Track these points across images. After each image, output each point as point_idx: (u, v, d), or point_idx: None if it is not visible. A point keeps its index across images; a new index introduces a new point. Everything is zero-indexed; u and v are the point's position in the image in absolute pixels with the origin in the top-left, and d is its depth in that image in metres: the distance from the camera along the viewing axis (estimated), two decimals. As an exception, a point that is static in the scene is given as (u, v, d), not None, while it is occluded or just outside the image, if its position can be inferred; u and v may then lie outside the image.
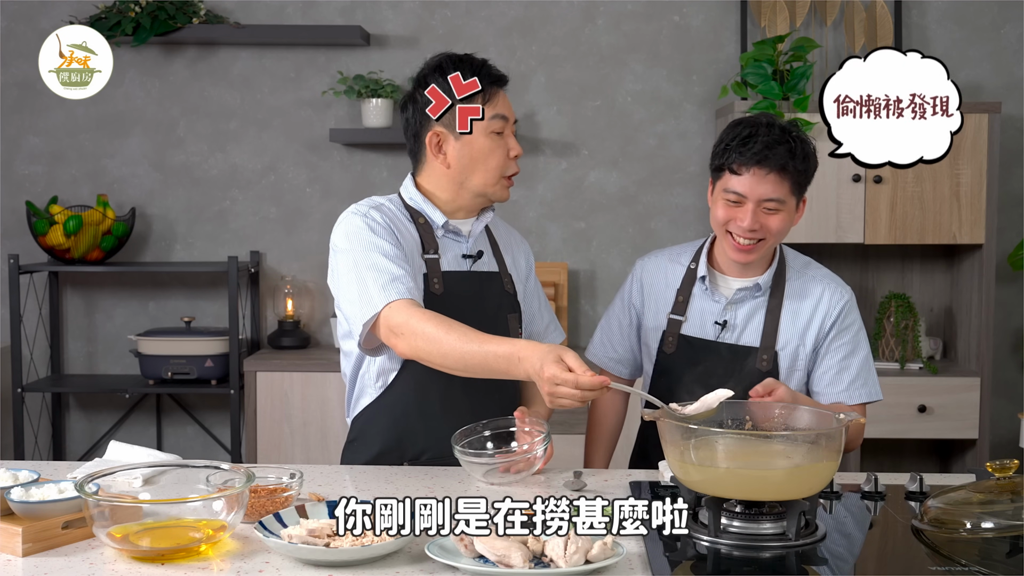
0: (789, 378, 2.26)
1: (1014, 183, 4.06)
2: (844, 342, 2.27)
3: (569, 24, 4.08)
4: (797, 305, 2.28)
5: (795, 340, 2.26)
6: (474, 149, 2.14)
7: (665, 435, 1.75)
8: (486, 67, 2.14)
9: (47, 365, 4.14)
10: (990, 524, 1.57)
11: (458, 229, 2.21)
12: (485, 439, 2.04)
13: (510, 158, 2.17)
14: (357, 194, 4.10)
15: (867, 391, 2.28)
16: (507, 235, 2.37)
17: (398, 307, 1.99)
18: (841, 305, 2.28)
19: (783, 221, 2.20)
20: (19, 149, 4.13)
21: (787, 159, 2.15)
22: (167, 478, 1.91)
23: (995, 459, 1.73)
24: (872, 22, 3.91)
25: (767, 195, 2.16)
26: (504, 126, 2.15)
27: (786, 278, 2.30)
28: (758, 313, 2.28)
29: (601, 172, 4.09)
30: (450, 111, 2.12)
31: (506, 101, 2.18)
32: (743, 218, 2.17)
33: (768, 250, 2.25)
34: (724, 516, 1.70)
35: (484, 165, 2.15)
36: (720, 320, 2.28)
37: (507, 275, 2.28)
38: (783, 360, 2.26)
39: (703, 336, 2.29)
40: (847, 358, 2.27)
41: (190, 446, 4.18)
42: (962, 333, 3.92)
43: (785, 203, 2.18)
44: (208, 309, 4.17)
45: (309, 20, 4.07)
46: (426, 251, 2.17)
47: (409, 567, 1.56)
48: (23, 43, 4.06)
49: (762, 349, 2.25)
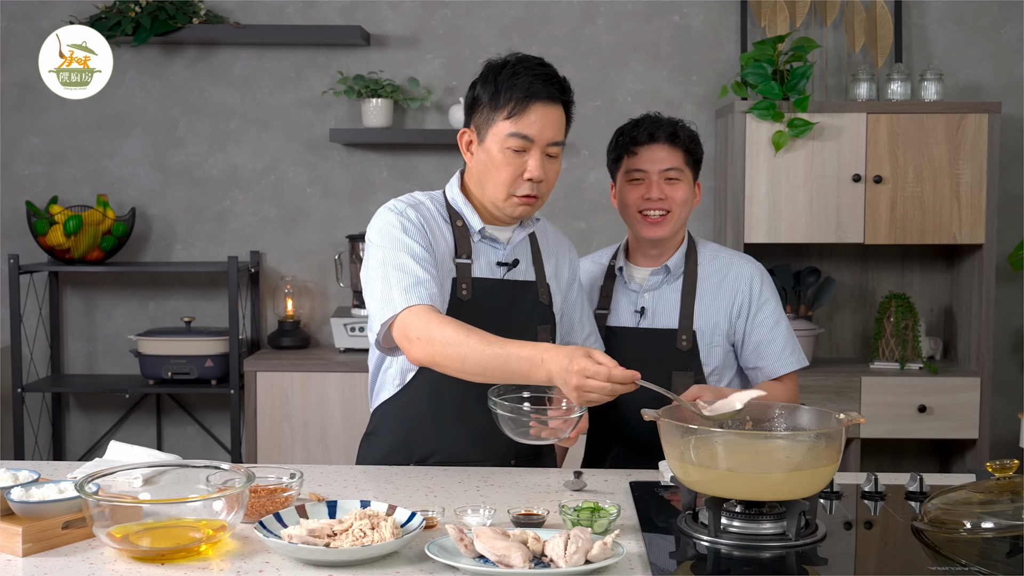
0: (709, 354, 2.37)
1: (1014, 183, 4.06)
2: (765, 316, 2.39)
3: (569, 24, 4.08)
4: (709, 284, 2.40)
5: (711, 317, 2.38)
6: (488, 160, 2.10)
7: (665, 435, 1.75)
8: (524, 77, 2.06)
9: (47, 365, 4.14)
10: (990, 524, 1.57)
11: (495, 236, 2.17)
12: (523, 399, 1.95)
13: (523, 178, 2.07)
14: (357, 194, 4.11)
15: (796, 358, 2.40)
16: (555, 243, 2.32)
17: (417, 312, 1.95)
18: (750, 280, 2.40)
19: (685, 191, 2.37)
20: (19, 149, 4.13)
21: (674, 130, 2.38)
22: (167, 478, 1.91)
23: (995, 459, 1.73)
24: (872, 22, 3.91)
25: (665, 164, 2.36)
26: (525, 145, 2.06)
27: (698, 262, 2.42)
28: (673, 297, 2.40)
29: (601, 172, 4.09)
30: (477, 114, 2.12)
31: (548, 120, 2.06)
32: (649, 191, 2.36)
33: (676, 224, 2.38)
34: (724, 516, 1.70)
35: (494, 178, 2.09)
36: (638, 308, 2.41)
37: (544, 285, 2.23)
38: (701, 337, 2.37)
39: (624, 324, 2.42)
40: (772, 329, 2.39)
41: (190, 446, 4.18)
42: (962, 333, 3.92)
43: (683, 172, 2.38)
44: (208, 309, 4.17)
45: (309, 20, 4.07)
46: (459, 255, 2.13)
47: (409, 567, 1.56)
48: (23, 43, 4.06)
49: (681, 330, 2.37)
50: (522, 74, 2.06)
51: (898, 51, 3.98)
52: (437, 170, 4.10)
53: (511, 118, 2.06)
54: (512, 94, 2.05)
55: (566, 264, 2.32)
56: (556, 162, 2.12)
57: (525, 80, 2.05)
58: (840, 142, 3.69)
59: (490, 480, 2.04)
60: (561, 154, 2.14)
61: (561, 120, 2.11)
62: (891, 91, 3.84)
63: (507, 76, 2.06)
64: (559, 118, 2.10)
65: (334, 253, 4.10)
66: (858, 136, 3.69)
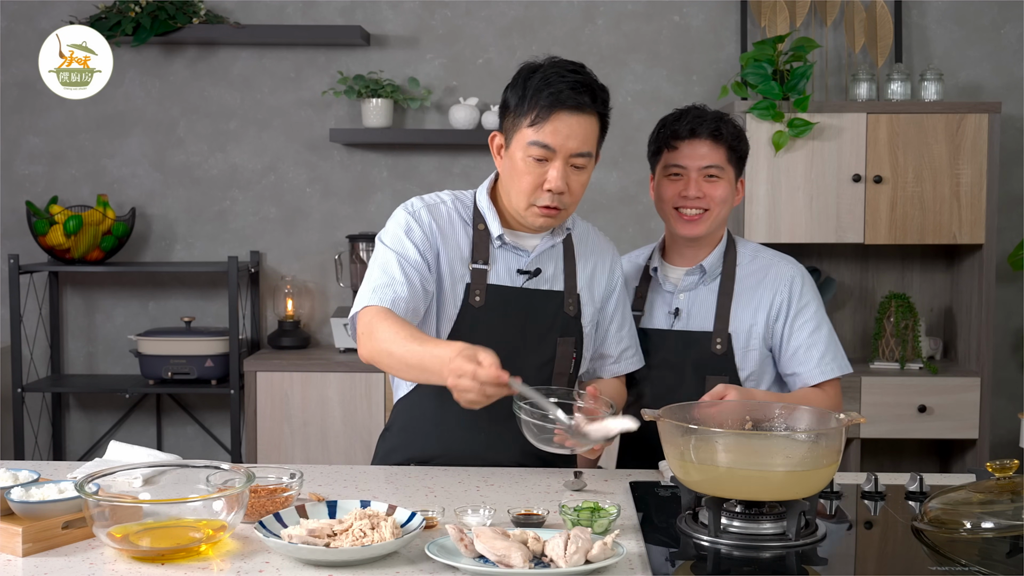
0: (745, 358, 2.28)
1: (1014, 183, 4.06)
2: (806, 319, 2.29)
3: (569, 24, 4.08)
4: (747, 285, 2.31)
5: (747, 320, 2.29)
6: (512, 167, 2.03)
7: (665, 435, 1.75)
8: (553, 84, 1.97)
9: (47, 365, 4.14)
10: (990, 524, 1.57)
11: (518, 243, 2.11)
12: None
13: (543, 189, 2.00)
14: (357, 194, 4.11)
15: (837, 364, 2.29)
16: (595, 251, 2.22)
17: (372, 312, 1.94)
18: (790, 282, 2.31)
19: (725, 190, 2.28)
20: (19, 149, 4.13)
21: (718, 125, 2.27)
22: (167, 478, 1.91)
23: (995, 459, 1.73)
24: (872, 22, 3.91)
25: (706, 161, 2.26)
26: (546, 155, 1.98)
27: (736, 263, 2.33)
28: (708, 298, 2.31)
29: (601, 172, 4.09)
30: (506, 119, 2.06)
31: (573, 130, 1.98)
32: (687, 188, 2.26)
33: (714, 224, 2.29)
34: (724, 516, 1.70)
35: (516, 186, 2.03)
36: (672, 309, 2.33)
37: (573, 295, 2.14)
38: (737, 341, 2.28)
39: (658, 327, 2.34)
40: (813, 334, 2.29)
41: (190, 446, 4.18)
42: (962, 333, 3.91)
43: (724, 170, 2.27)
44: (208, 309, 4.17)
45: (309, 20, 4.07)
46: (475, 260, 2.08)
47: (409, 567, 1.56)
48: (23, 43, 4.06)
49: (715, 333, 2.28)
50: (552, 80, 1.98)
51: (898, 51, 3.98)
52: (437, 170, 4.11)
53: (534, 126, 1.99)
54: (537, 101, 1.98)
55: (604, 274, 2.22)
56: (582, 173, 2.03)
57: (553, 87, 1.97)
58: (840, 142, 3.69)
59: (490, 480, 2.04)
60: (590, 165, 2.04)
61: (590, 130, 2.01)
62: (891, 91, 3.84)
63: (536, 82, 1.99)
64: (587, 128, 2.00)
65: (334, 253, 4.10)
66: (858, 136, 3.69)
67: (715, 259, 2.33)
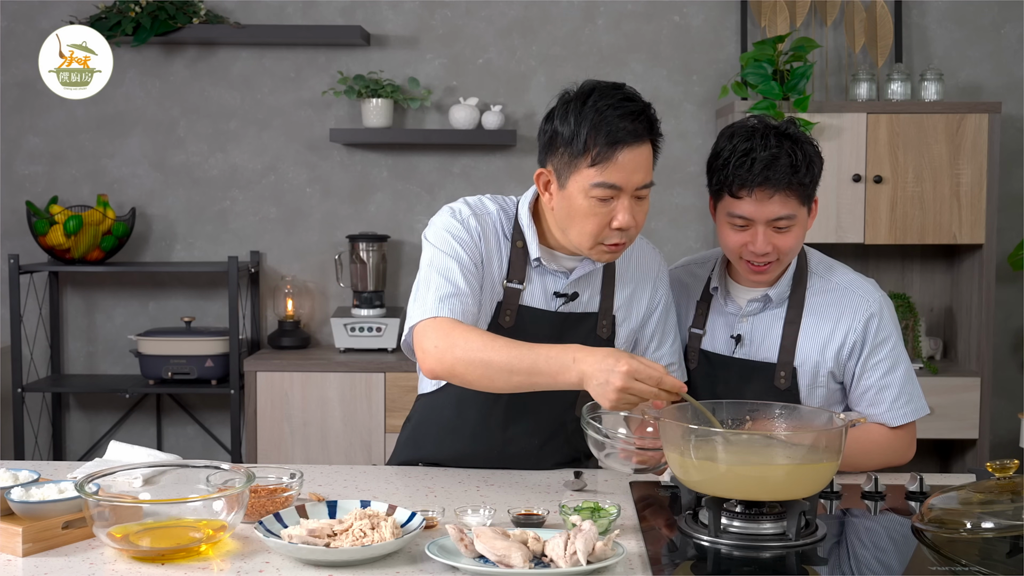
0: (810, 396, 2.10)
1: (1014, 183, 4.06)
2: (881, 358, 2.09)
3: (569, 24, 4.08)
4: (818, 316, 2.10)
5: (815, 355, 2.09)
6: (571, 208, 1.91)
7: (665, 435, 1.75)
8: (608, 118, 1.85)
9: (47, 365, 4.14)
10: (990, 524, 1.57)
11: (556, 267, 2.02)
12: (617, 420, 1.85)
13: (612, 228, 1.90)
14: (357, 194, 4.11)
15: (912, 408, 2.10)
16: (638, 270, 2.11)
17: (441, 323, 1.86)
18: (866, 316, 2.08)
19: (796, 237, 2.05)
20: (19, 149, 4.12)
21: (790, 174, 1.99)
22: (167, 478, 1.91)
23: (995, 459, 1.73)
24: (872, 22, 3.91)
25: (776, 215, 2.01)
26: (613, 194, 1.87)
27: (807, 286, 2.12)
28: (775, 326, 2.11)
29: (601, 172, 4.09)
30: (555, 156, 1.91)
31: (638, 164, 1.87)
32: (753, 242, 2.02)
33: (783, 268, 2.11)
34: (724, 516, 1.70)
35: (579, 227, 1.91)
36: (734, 334, 2.13)
37: (608, 317, 2.05)
38: (802, 377, 2.10)
39: (719, 351, 2.15)
40: (886, 375, 2.09)
41: (190, 446, 4.18)
42: (962, 333, 3.91)
43: (796, 217, 2.03)
44: (208, 309, 4.17)
45: (309, 20, 4.07)
46: (510, 278, 2.00)
47: (409, 567, 1.56)
48: (23, 43, 4.06)
49: (780, 365, 2.09)
50: (605, 113, 1.85)
51: (898, 51, 3.98)
52: (437, 170, 4.11)
53: (596, 166, 1.86)
54: (597, 139, 1.85)
55: (647, 293, 2.11)
56: (646, 202, 1.93)
57: (610, 121, 1.85)
58: (840, 142, 3.69)
59: (490, 480, 2.04)
60: (650, 193, 1.94)
61: (649, 160, 1.91)
62: (891, 91, 3.84)
63: (589, 115, 1.86)
64: (647, 158, 1.90)
65: (334, 253, 4.09)
66: (858, 136, 3.69)
67: (783, 286, 2.12)
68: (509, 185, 4.07)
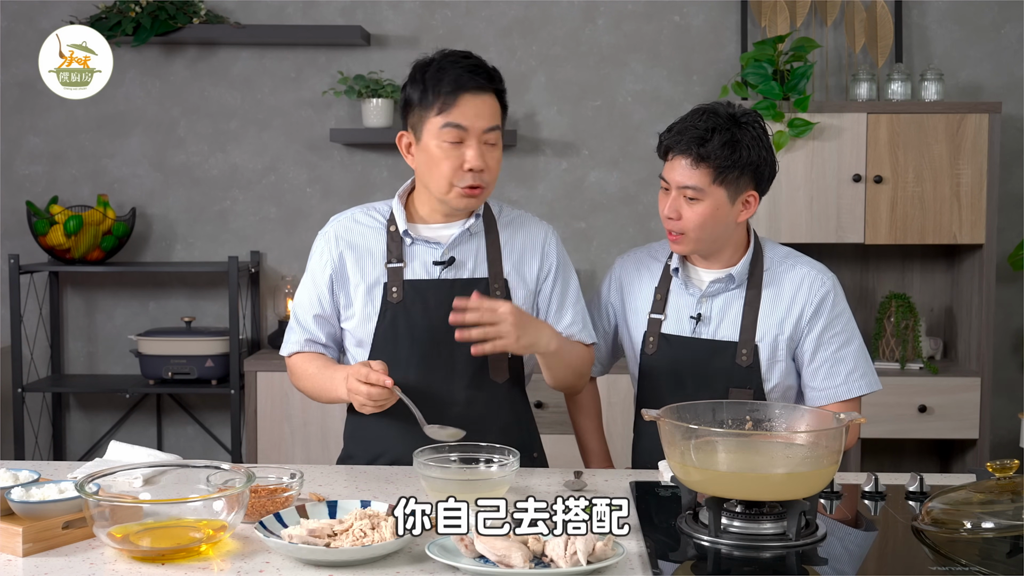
0: (770, 370, 2.17)
1: (1014, 183, 4.06)
2: (835, 332, 2.18)
3: (569, 24, 4.08)
4: (775, 294, 2.18)
5: (774, 330, 2.17)
6: (428, 157, 2.08)
7: (665, 436, 1.75)
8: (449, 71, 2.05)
9: (47, 365, 4.14)
10: (990, 524, 1.57)
11: (426, 237, 2.15)
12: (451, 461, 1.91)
13: (464, 169, 2.05)
14: (357, 194, 4.11)
15: (866, 381, 2.19)
16: (523, 235, 2.21)
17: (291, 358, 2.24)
18: (822, 293, 2.18)
19: (702, 214, 2.11)
20: (19, 149, 4.13)
21: (707, 147, 2.08)
22: (167, 478, 1.91)
23: (995, 459, 1.73)
24: (872, 22, 3.91)
25: (682, 182, 2.12)
26: (460, 136, 2.04)
27: (763, 268, 2.21)
28: (735, 305, 2.19)
29: (601, 172, 4.09)
30: (411, 115, 2.11)
31: (480, 109, 2.05)
32: (664, 204, 2.17)
33: (696, 245, 2.17)
34: (724, 516, 1.70)
35: (436, 173, 2.07)
36: (694, 314, 2.20)
37: (498, 281, 2.15)
38: (763, 352, 2.17)
39: (680, 333, 2.21)
40: (841, 349, 2.18)
41: (190, 446, 4.18)
42: (962, 333, 3.92)
43: (704, 192, 2.10)
44: (208, 309, 4.17)
45: (309, 20, 4.07)
46: (390, 260, 2.14)
47: (409, 567, 1.56)
48: (23, 43, 4.06)
49: (741, 343, 2.16)
50: (447, 68, 2.06)
51: (898, 51, 3.98)
52: (437, 170, 4.10)
53: (442, 113, 2.04)
54: (440, 88, 2.04)
55: (536, 260, 2.19)
56: (496, 149, 2.09)
57: (451, 73, 2.05)
58: (840, 142, 3.69)
59: (490, 480, 2.04)
60: (500, 140, 2.10)
61: (494, 107, 2.08)
62: (891, 91, 3.84)
63: (433, 72, 2.06)
64: (492, 106, 2.07)
65: (334, 253, 4.09)
66: (858, 136, 3.69)
67: (743, 266, 2.19)
68: (509, 185, 4.07)
